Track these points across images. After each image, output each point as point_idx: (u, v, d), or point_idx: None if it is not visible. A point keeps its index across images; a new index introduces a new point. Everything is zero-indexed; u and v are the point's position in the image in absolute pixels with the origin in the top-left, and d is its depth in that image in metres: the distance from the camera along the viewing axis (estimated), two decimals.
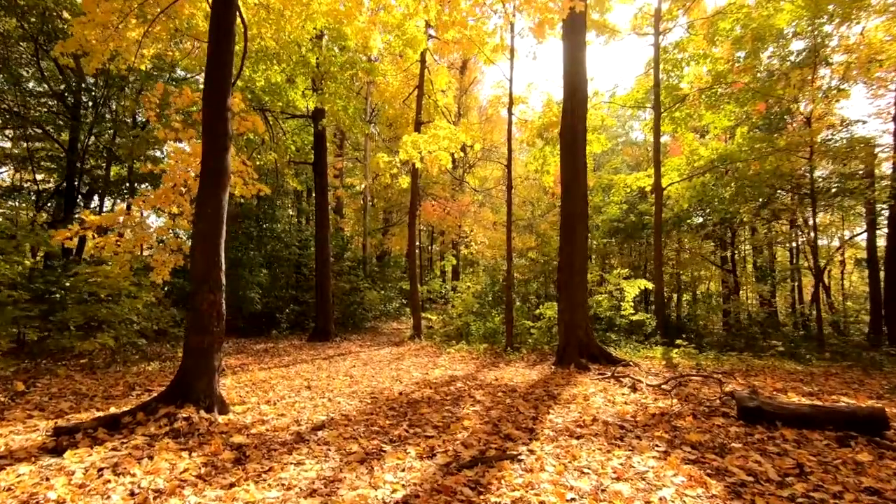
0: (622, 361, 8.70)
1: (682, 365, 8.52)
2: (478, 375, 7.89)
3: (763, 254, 18.98)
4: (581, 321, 9.05)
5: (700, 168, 13.47)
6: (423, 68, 13.72)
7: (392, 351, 11.22)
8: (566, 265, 9.21)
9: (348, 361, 9.49)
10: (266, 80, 11.61)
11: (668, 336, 11.56)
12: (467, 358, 10.05)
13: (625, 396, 5.81)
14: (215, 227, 4.88)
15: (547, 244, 16.42)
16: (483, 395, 6.05)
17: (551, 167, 14.85)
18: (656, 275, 12.73)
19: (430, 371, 8.38)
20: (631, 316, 12.11)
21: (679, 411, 4.97)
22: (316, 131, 12.99)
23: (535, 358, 10.00)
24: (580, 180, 9.35)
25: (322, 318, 13.16)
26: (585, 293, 9.35)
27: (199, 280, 4.78)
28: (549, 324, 12.00)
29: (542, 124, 13.30)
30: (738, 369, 8.16)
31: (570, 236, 9.22)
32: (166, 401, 4.54)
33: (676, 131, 14.37)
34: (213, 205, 4.89)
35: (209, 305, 4.78)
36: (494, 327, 12.31)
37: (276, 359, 9.71)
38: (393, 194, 26.73)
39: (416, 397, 5.97)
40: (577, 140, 9.36)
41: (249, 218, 16.63)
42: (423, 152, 11.04)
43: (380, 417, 4.92)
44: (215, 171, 4.94)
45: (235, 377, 7.27)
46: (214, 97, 4.99)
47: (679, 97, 13.81)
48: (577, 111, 9.43)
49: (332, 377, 7.56)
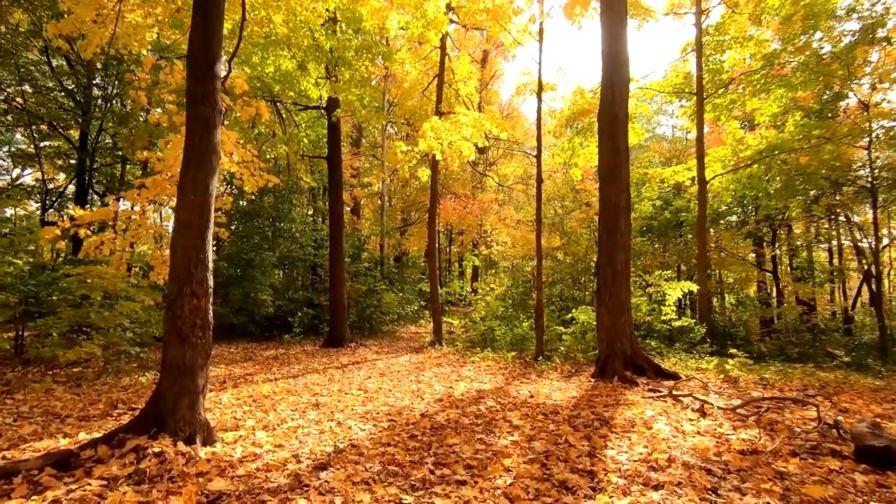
0: (673, 375, 7.64)
1: (743, 379, 7.42)
2: (508, 390, 6.93)
3: (803, 254, 17.59)
4: (625, 327, 8.01)
5: (747, 159, 12.25)
6: (444, 55, 12.83)
7: (411, 359, 10.32)
8: (607, 264, 8.18)
9: (363, 371, 8.62)
10: (276, 67, 10.86)
11: (716, 344, 10.42)
12: (494, 368, 9.09)
13: (694, 424, 4.79)
14: (201, 216, 4.04)
15: (576, 243, 15.37)
16: (520, 419, 5.09)
17: (580, 160, 13.80)
18: (700, 276, 11.57)
19: (454, 384, 7.45)
20: (673, 321, 10.99)
21: (775, 448, 3.93)
22: (330, 123, 12.20)
23: (569, 368, 9.00)
24: (622, 169, 8.32)
25: (336, 323, 12.35)
26: (629, 295, 8.31)
27: (179, 280, 3.94)
28: (581, 329, 10.97)
29: (572, 113, 12.26)
30: (811, 384, 7.03)
31: (612, 231, 8.19)
32: (137, 430, 3.70)
33: (719, 119, 13.16)
34: (199, 189, 4.05)
35: (192, 312, 3.93)
36: (523, 333, 11.31)
37: (285, 367, 8.89)
38: (411, 192, 25.92)
39: (440, 420, 5.04)
40: (617, 125, 8.33)
41: (262, 217, 15.97)
42: (443, 142, 10.14)
43: (398, 450, 4.01)
44: (201, 149, 4.10)
45: (236, 391, 6.45)
46: (200, 59, 4.16)
47: (722, 82, 12.63)
48: (618, 93, 8.40)
49: (344, 391, 6.68)
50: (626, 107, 8.54)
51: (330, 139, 12.51)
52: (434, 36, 10.94)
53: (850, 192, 12.14)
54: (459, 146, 10.36)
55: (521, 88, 11.32)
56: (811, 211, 13.66)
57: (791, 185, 12.29)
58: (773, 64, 11.49)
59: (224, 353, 10.63)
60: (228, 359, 9.88)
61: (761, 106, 12.59)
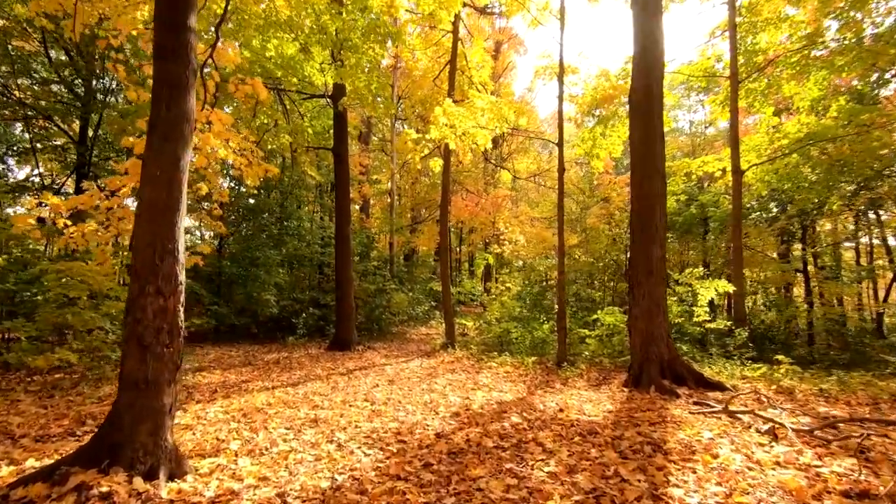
0: (717, 385, 6.79)
1: (799, 390, 6.54)
2: (533, 402, 6.13)
3: (826, 253, 16.54)
4: (661, 330, 7.17)
5: (784, 147, 11.29)
6: (456, 40, 12.05)
7: (423, 364, 9.55)
8: (641, 260, 7.34)
9: (370, 378, 7.86)
10: (278, 51, 10.16)
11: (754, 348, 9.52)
12: (513, 374, 8.29)
13: (768, 451, 3.95)
14: (169, 195, 3.30)
15: (595, 240, 14.49)
16: (554, 440, 4.29)
17: (602, 151, 12.93)
18: (735, 275, 10.65)
19: (471, 394, 6.66)
20: (706, 323, 10.10)
21: (889, 491, 3.09)
22: (336, 112, 11.48)
23: (596, 375, 8.17)
24: (657, 153, 7.47)
25: (342, 324, 11.62)
26: (665, 295, 7.46)
27: (141, 276, 3.21)
28: (606, 332, 10.12)
29: (594, 99, 11.40)
30: (879, 397, 6.14)
31: (646, 223, 7.35)
32: (86, 460, 2.97)
33: (753, 105, 12.21)
34: (166, 163, 3.31)
35: (156, 315, 3.20)
36: (542, 336, 10.48)
37: (285, 373, 8.17)
38: (421, 189, 25.19)
39: (459, 442, 4.26)
40: (652, 101, 7.49)
41: (266, 213, 15.30)
42: (457, 129, 9.35)
43: (410, 486, 3.23)
44: (170, 115, 3.36)
45: (226, 402, 5.72)
46: (169, 9, 3.43)
47: (757, 65, 11.69)
48: (653, 70, 7.56)
49: (348, 402, 5.93)
50: (662, 81, 7.70)
51: (336, 130, 11.79)
52: (446, 16, 10.18)
53: None
54: (474, 134, 9.57)
55: (540, 72, 10.51)
56: (852, 204, 12.66)
57: (833, 176, 11.32)
58: (815, 43, 10.54)
59: (223, 357, 9.95)
60: (227, 363, 9.20)
61: (800, 90, 11.64)
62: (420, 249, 26.21)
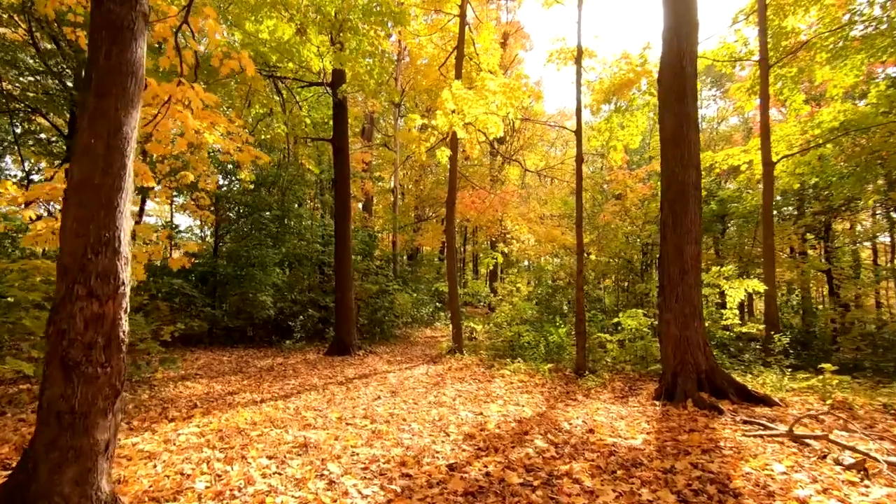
0: (764, 398, 6.00)
1: (858, 405, 5.74)
2: (556, 418, 5.37)
3: (848, 251, 15.70)
4: (697, 337, 6.38)
5: (819, 137, 10.47)
6: (464, 24, 11.27)
7: (428, 371, 8.79)
8: (673, 258, 6.56)
9: (371, 388, 7.11)
10: (272, 34, 9.44)
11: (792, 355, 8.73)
12: (529, 384, 7.52)
13: (863, 493, 3.17)
14: (106, 170, 2.55)
15: (613, 237, 13.69)
16: (592, 474, 3.52)
17: (619, 143, 12.14)
18: (767, 274, 9.84)
19: (484, 408, 5.90)
20: (737, 327, 9.30)
21: None
22: (335, 100, 10.74)
23: (620, 385, 7.39)
24: (691, 140, 6.68)
25: (342, 327, 10.87)
26: (701, 297, 6.67)
27: (68, 273, 2.46)
28: (628, 336, 9.33)
29: (612, 85, 10.60)
30: None
31: (680, 216, 6.56)
32: None
33: (782, 93, 11.39)
34: (103, 129, 2.57)
35: (88, 324, 2.45)
36: (558, 341, 9.70)
37: (278, 383, 7.43)
38: (425, 187, 24.46)
39: (476, 477, 3.50)
40: (685, 81, 6.70)
41: (264, 210, 14.56)
42: (466, 116, 8.59)
43: None
44: (110, 67, 2.62)
45: (205, 420, 4.98)
46: None
47: (788, 49, 10.87)
48: (687, 45, 6.76)
49: (345, 420, 5.17)
50: (695, 60, 6.91)
51: (335, 120, 11.03)
52: None
53: None
54: (485, 121, 8.81)
55: (554, 56, 9.74)
56: (888, 199, 11.84)
57: (871, 168, 10.51)
58: (854, 22, 9.72)
59: (213, 363, 9.23)
60: (216, 370, 8.47)
61: (834, 76, 10.82)
62: (424, 249, 25.47)
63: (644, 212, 13.40)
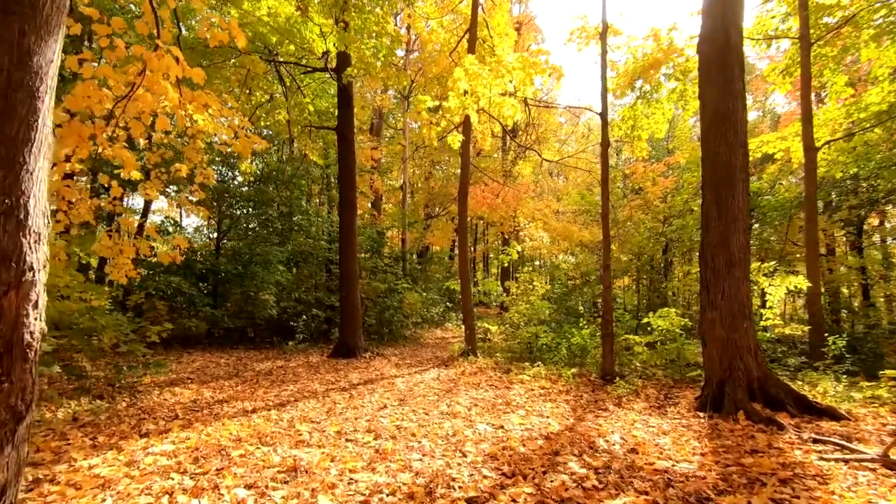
0: (827, 411, 5.19)
1: None
2: (588, 433, 4.62)
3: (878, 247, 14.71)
4: (747, 340, 5.61)
5: (865, 121, 9.59)
6: (476, 5, 10.57)
7: (440, 375, 8.08)
8: (719, 250, 5.78)
9: (377, 395, 6.41)
10: (272, 13, 8.81)
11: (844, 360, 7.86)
12: (551, 391, 6.77)
13: None
14: (8, 115, 1.88)
15: (635, 233, 12.87)
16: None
17: (643, 132, 11.33)
18: (811, 270, 8.97)
19: (504, 420, 5.17)
20: (777, 329, 8.47)
21: None
22: (340, 86, 10.09)
23: (655, 393, 6.62)
24: (739, 118, 5.90)
25: (347, 328, 10.19)
26: (750, 294, 5.88)
27: None
28: (658, 338, 8.53)
29: (638, 66, 9.81)
30: None
31: (726, 203, 5.79)
32: None
33: (822, 74, 10.49)
34: (3, 59, 1.89)
35: None
36: (581, 343, 8.93)
37: (275, 388, 6.76)
38: (435, 184, 23.77)
39: None
40: (730, 52, 5.93)
41: (268, 205, 13.97)
42: (481, 98, 7.87)
43: None
44: None
45: (182, 434, 4.31)
46: None
47: (829, 26, 9.99)
48: (731, 12, 5.99)
49: (344, 435, 4.48)
50: (741, 29, 6.13)
51: (340, 107, 10.38)
52: None
53: None
54: (501, 104, 8.08)
55: (575, 34, 9.00)
56: None
57: None
58: None
59: (209, 366, 8.60)
60: (210, 374, 7.83)
61: (880, 55, 9.91)
62: (434, 248, 24.76)
63: (669, 205, 12.57)
